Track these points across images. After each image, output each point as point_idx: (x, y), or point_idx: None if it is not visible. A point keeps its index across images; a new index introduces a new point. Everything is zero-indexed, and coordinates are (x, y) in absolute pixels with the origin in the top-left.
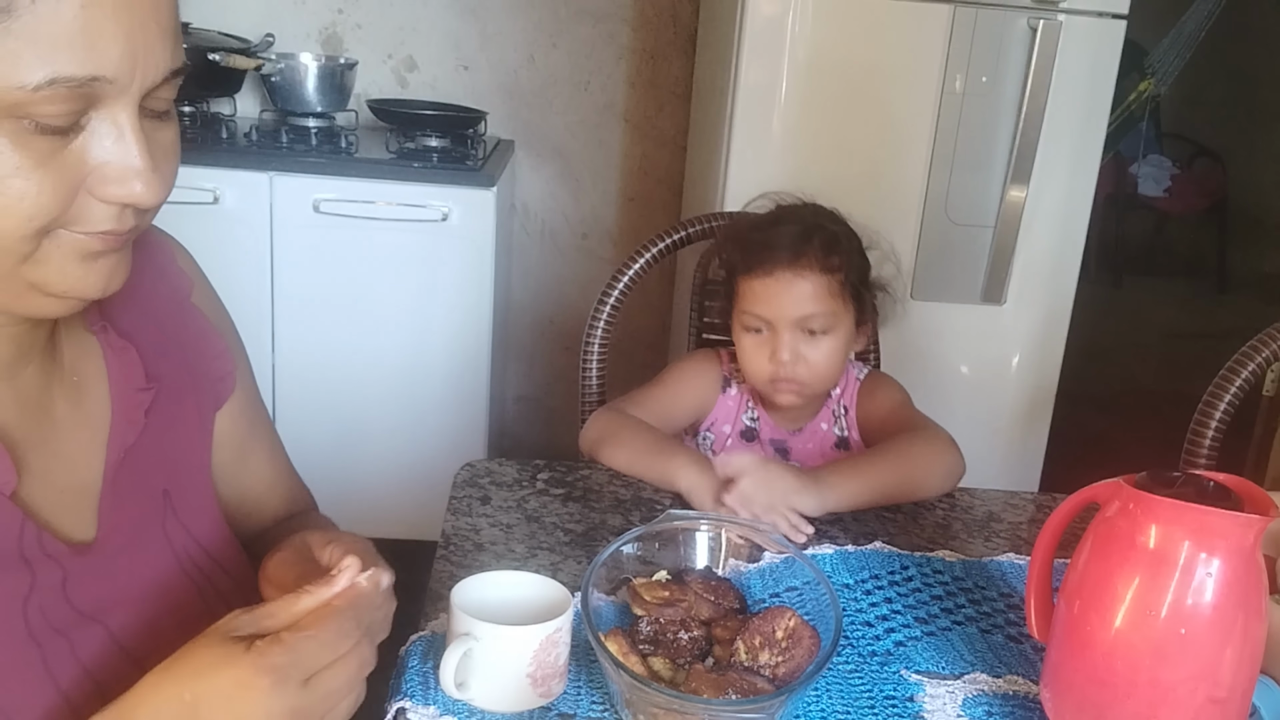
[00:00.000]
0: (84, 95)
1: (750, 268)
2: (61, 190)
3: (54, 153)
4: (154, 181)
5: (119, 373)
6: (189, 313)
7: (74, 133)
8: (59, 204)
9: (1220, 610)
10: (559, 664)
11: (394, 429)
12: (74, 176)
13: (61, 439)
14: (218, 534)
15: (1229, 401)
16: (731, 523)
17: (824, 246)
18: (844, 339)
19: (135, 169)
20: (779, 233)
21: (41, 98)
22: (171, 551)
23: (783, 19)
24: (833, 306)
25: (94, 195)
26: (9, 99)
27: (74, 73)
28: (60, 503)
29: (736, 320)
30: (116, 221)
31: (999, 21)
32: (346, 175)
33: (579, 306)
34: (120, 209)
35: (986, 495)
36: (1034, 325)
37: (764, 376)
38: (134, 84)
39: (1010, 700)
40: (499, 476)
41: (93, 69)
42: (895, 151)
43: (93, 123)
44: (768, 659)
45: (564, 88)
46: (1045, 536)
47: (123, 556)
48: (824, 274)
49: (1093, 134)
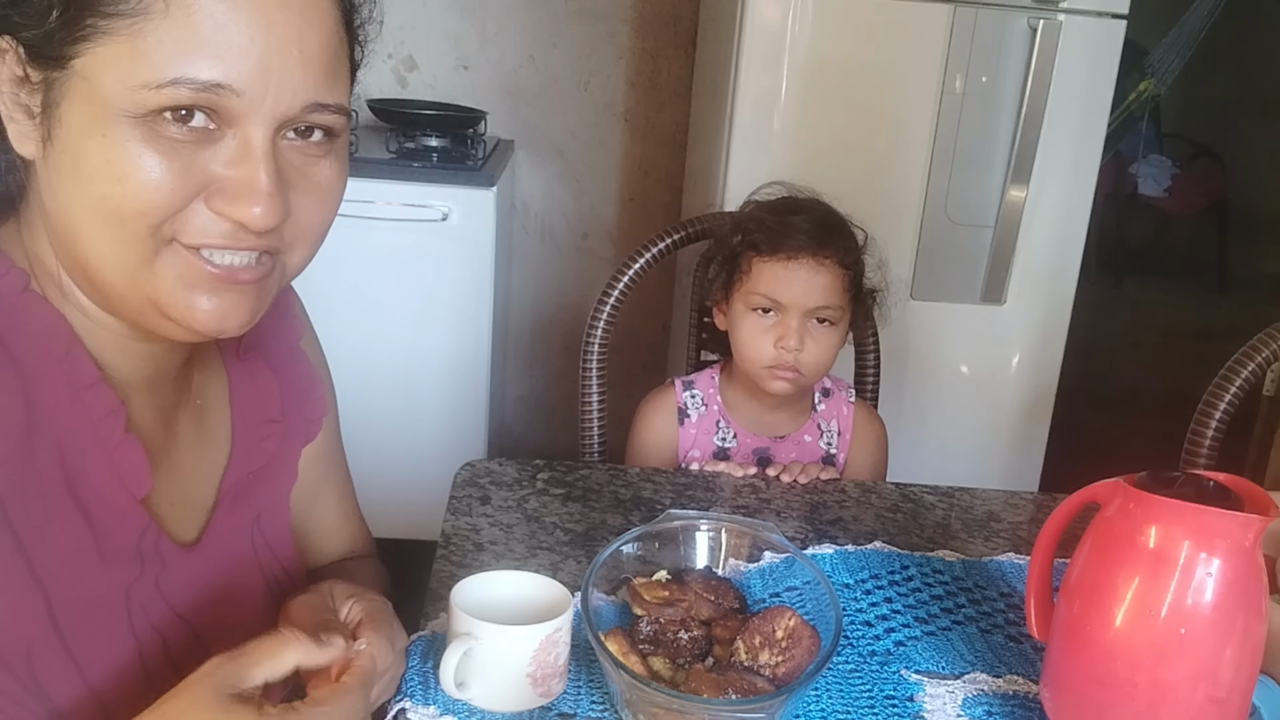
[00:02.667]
0: (211, 102)
1: (773, 250)
2: (180, 191)
3: (181, 153)
4: (272, 206)
5: (248, 401)
6: (298, 355)
7: (206, 140)
8: (173, 204)
9: (1220, 610)
10: (559, 664)
11: (394, 429)
12: (195, 182)
13: (182, 456)
14: (293, 559)
15: (1229, 401)
16: (732, 523)
17: (844, 240)
18: (844, 334)
19: (254, 188)
20: (804, 220)
21: (168, 100)
22: (259, 565)
23: (783, 19)
24: (844, 301)
25: (210, 208)
26: (140, 99)
27: (198, 76)
28: (172, 515)
29: (740, 299)
30: (231, 239)
31: (999, 21)
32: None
33: (579, 306)
34: (234, 227)
35: (986, 495)
36: (1034, 325)
37: (764, 360)
38: (266, 103)
39: (1010, 700)
40: (499, 476)
41: (218, 76)
42: (895, 151)
43: (227, 136)
44: (768, 659)
45: (564, 88)
46: (1045, 536)
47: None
48: (842, 268)
49: (1093, 134)
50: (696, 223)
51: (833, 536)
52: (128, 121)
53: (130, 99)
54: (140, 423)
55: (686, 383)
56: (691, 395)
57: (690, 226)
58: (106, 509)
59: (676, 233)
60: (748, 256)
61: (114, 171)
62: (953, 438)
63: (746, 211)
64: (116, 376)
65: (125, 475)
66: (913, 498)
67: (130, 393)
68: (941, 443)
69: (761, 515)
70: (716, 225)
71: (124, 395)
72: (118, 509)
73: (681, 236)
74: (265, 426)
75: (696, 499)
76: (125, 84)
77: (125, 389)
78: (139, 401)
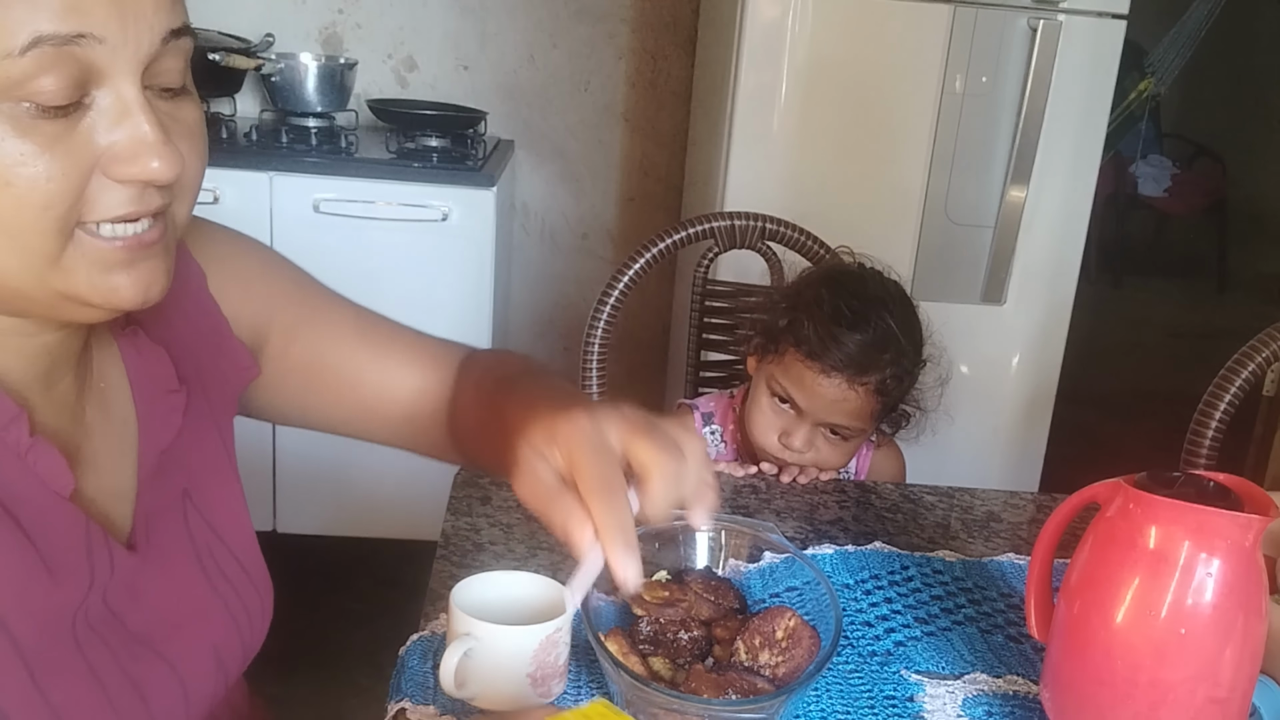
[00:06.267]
0: (76, 61)
1: (811, 355)
2: (73, 175)
3: (60, 136)
4: (169, 154)
5: (143, 376)
6: (206, 304)
7: (78, 112)
8: (72, 189)
9: (1220, 610)
10: (559, 664)
11: None
12: (84, 159)
13: (95, 446)
14: (237, 525)
15: (1229, 401)
16: (732, 523)
17: (891, 366)
18: (859, 444)
19: (146, 142)
20: (855, 342)
21: (31, 65)
22: (193, 549)
23: (783, 19)
24: (867, 424)
25: (110, 177)
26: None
27: (57, 29)
28: (101, 510)
29: (764, 375)
30: (138, 203)
31: (999, 21)
32: (346, 175)
33: (579, 306)
34: (141, 189)
35: (986, 495)
36: (1034, 325)
37: (767, 446)
38: (128, 47)
39: (1010, 700)
40: (499, 476)
41: (76, 26)
42: (895, 152)
43: (97, 101)
44: (768, 659)
45: (564, 88)
46: (1045, 536)
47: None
48: (876, 395)
49: (1093, 134)
50: (696, 223)
51: (833, 536)
52: None
53: None
54: (45, 422)
55: (706, 415)
56: (711, 431)
57: (690, 226)
58: (37, 513)
59: (676, 233)
60: (787, 343)
61: None
62: (952, 438)
63: (809, 291)
64: (12, 379)
65: (44, 476)
66: (913, 498)
67: (28, 394)
68: (941, 443)
69: (761, 515)
70: (715, 226)
71: (22, 398)
72: (48, 510)
73: (681, 236)
74: (167, 399)
75: None
76: None
77: (23, 391)
78: (39, 400)
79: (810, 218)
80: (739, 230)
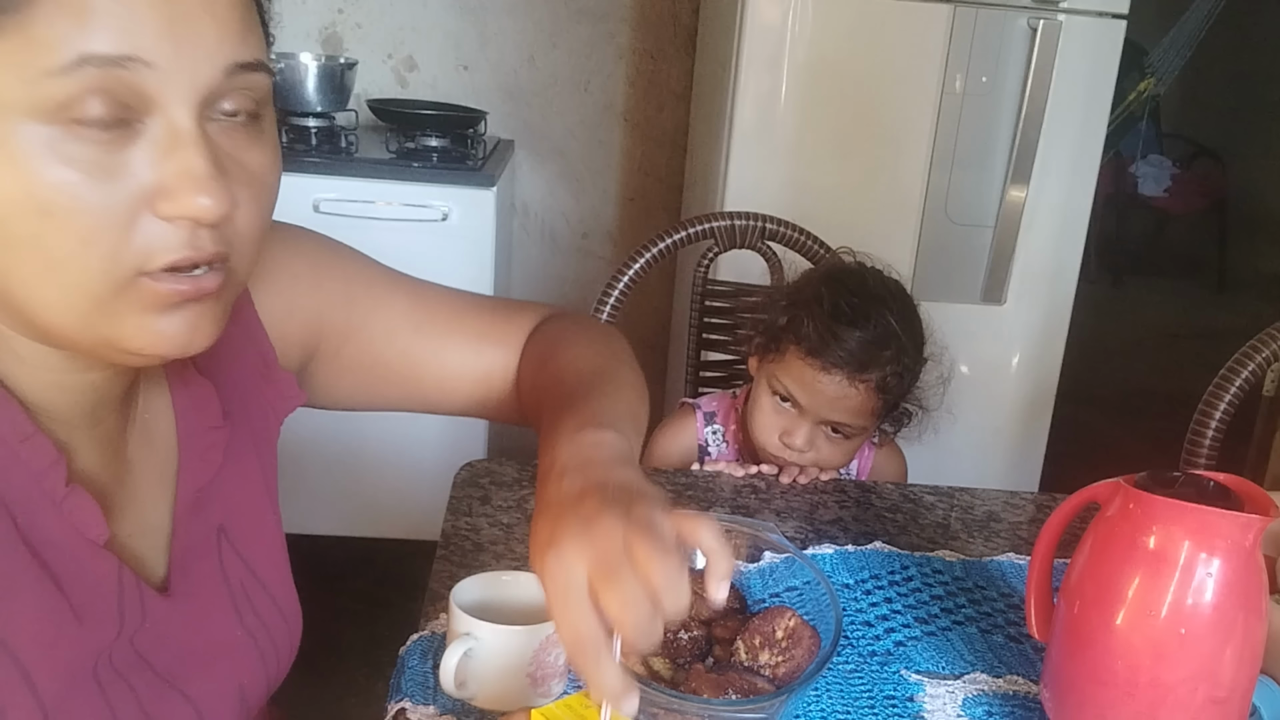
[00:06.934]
0: (124, 85)
1: (811, 352)
2: (117, 209)
3: (104, 165)
4: (218, 191)
5: (189, 410)
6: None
7: (126, 141)
8: (115, 224)
9: (1220, 610)
10: (559, 664)
11: (394, 429)
12: (130, 192)
13: (135, 481)
14: (272, 559)
15: (1229, 401)
16: (732, 523)
17: (891, 363)
18: (860, 443)
19: (194, 176)
20: (855, 338)
21: (75, 86)
22: (227, 589)
23: (783, 19)
24: (869, 422)
25: (157, 215)
26: (44, 92)
27: (104, 50)
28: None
29: (765, 374)
30: (191, 246)
31: (999, 21)
32: (346, 175)
33: (579, 306)
34: (192, 230)
35: (986, 495)
36: (1034, 325)
37: (768, 445)
38: (182, 74)
39: (1010, 700)
40: (499, 476)
41: (126, 48)
42: (895, 152)
43: (148, 130)
44: (768, 659)
45: (564, 88)
46: (1045, 536)
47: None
48: (877, 392)
49: (1093, 134)
50: (696, 223)
51: (833, 536)
52: (35, 133)
53: (33, 95)
54: (87, 462)
55: (708, 415)
56: (713, 431)
57: (690, 226)
58: (70, 560)
59: (676, 233)
60: (788, 341)
61: (37, 204)
62: (953, 437)
63: (810, 290)
64: (57, 417)
65: (79, 526)
66: (913, 498)
67: (71, 431)
68: (941, 442)
69: (761, 515)
70: (715, 226)
71: (65, 436)
72: (81, 558)
73: (681, 236)
74: (209, 435)
75: (696, 499)
76: (24, 77)
77: (66, 429)
78: (82, 438)
79: (810, 218)
80: (739, 230)
